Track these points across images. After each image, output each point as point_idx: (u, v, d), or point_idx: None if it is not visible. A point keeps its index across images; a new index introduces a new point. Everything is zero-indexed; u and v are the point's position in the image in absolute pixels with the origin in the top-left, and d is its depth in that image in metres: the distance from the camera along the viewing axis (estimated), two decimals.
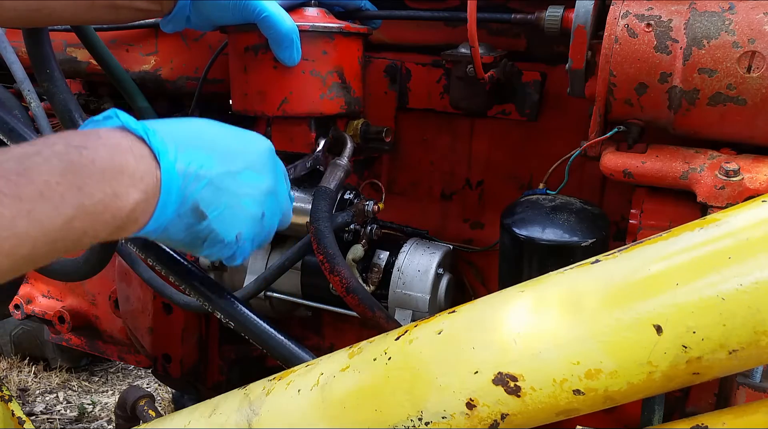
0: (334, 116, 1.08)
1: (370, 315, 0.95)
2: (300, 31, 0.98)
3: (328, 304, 1.17)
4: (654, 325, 0.55)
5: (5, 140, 0.95)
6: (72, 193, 0.55)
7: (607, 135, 0.92)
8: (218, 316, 0.96)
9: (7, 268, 0.52)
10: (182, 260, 1.00)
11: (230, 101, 1.12)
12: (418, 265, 1.10)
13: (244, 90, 1.06)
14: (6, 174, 0.51)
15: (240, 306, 0.94)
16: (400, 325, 0.88)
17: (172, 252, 1.02)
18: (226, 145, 0.70)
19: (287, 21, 0.96)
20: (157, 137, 0.63)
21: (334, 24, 1.03)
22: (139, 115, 1.26)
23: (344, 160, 1.05)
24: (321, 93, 1.03)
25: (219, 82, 1.30)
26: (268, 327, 0.93)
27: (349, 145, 1.08)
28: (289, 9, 1.00)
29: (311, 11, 1.04)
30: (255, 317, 0.93)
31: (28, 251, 0.52)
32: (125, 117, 0.64)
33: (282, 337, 0.93)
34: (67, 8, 0.89)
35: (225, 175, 0.68)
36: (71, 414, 2.63)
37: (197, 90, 1.31)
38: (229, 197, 0.69)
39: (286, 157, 1.14)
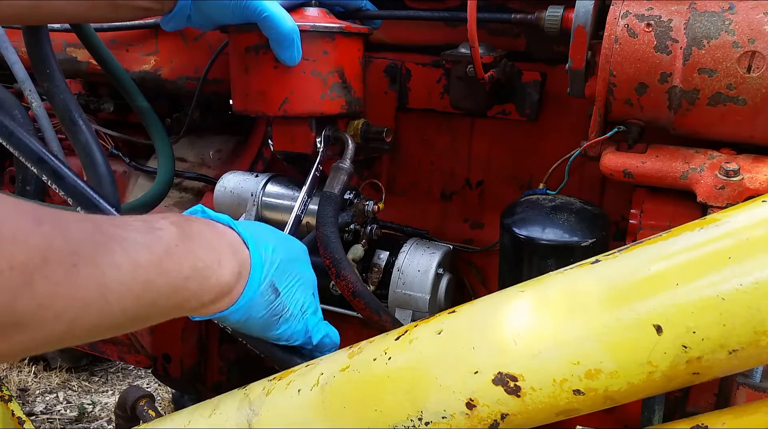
0: (335, 116, 1.08)
1: (377, 318, 0.96)
2: (301, 31, 0.98)
3: (328, 304, 1.17)
4: (654, 325, 0.55)
5: (5, 144, 0.95)
6: (188, 256, 0.62)
7: (607, 135, 0.92)
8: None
9: (131, 312, 0.56)
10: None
11: (230, 101, 1.12)
12: (418, 265, 1.10)
13: (244, 90, 1.06)
14: (138, 229, 0.58)
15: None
16: None
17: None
18: (281, 239, 0.81)
19: (288, 21, 0.95)
20: (243, 229, 0.73)
21: (335, 24, 1.03)
22: (139, 115, 1.26)
23: (347, 163, 1.05)
24: (322, 93, 1.03)
25: (219, 82, 1.30)
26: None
27: (351, 146, 1.07)
28: (290, 9, 1.00)
29: (312, 11, 1.04)
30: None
31: (151, 300, 0.58)
32: (210, 211, 0.76)
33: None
34: (67, 6, 0.89)
35: (287, 261, 0.78)
36: (71, 414, 2.63)
37: (197, 90, 1.31)
38: (292, 277, 0.79)
39: (287, 157, 1.14)
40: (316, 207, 1.01)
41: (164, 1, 0.96)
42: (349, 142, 1.08)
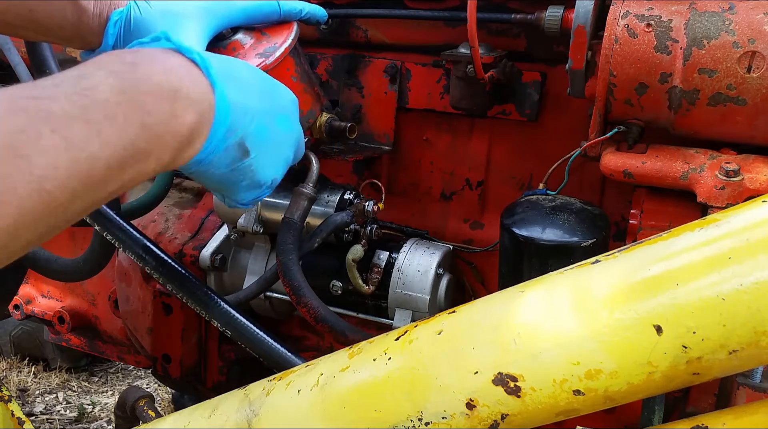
0: None
1: (343, 339, 0.97)
2: None
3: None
4: (654, 326, 0.55)
5: None
6: (134, 112, 0.53)
7: (607, 135, 0.92)
8: (215, 324, 0.97)
9: (83, 194, 0.49)
10: (179, 267, 1.00)
11: None
12: (418, 265, 1.10)
13: None
14: (68, 96, 0.49)
15: (235, 313, 0.96)
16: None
17: (167, 258, 1.02)
18: (264, 86, 0.69)
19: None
20: (210, 63, 0.61)
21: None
22: None
23: (308, 188, 1.01)
24: None
25: None
26: (262, 334, 0.95)
27: (315, 168, 1.02)
28: (212, 48, 0.89)
29: (232, 51, 0.91)
30: (249, 324, 0.95)
31: (101, 176, 0.50)
32: (177, 40, 0.62)
33: (277, 345, 0.94)
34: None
35: (266, 113, 0.67)
36: (71, 414, 2.63)
37: None
38: (270, 137, 0.68)
39: None
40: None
41: (78, 43, 0.85)
42: (314, 164, 1.02)
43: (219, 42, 0.90)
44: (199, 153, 0.61)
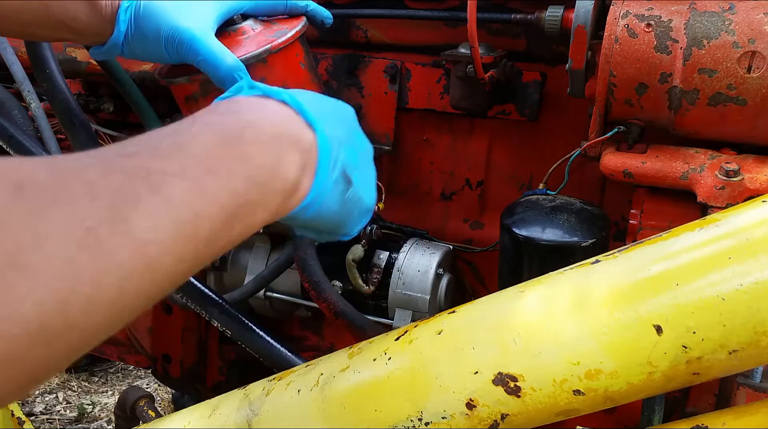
0: None
1: (361, 334, 0.97)
2: None
3: None
4: (654, 326, 0.55)
5: (5, 147, 0.95)
6: (237, 164, 0.50)
7: (607, 135, 0.92)
8: (215, 324, 0.97)
9: (190, 256, 0.45)
10: None
11: None
12: (418, 265, 1.10)
13: None
14: (165, 153, 0.46)
15: (235, 313, 0.96)
16: None
17: None
18: (335, 109, 0.66)
19: (226, 59, 0.83)
20: (302, 102, 0.59)
21: (261, 49, 0.91)
22: (139, 115, 1.26)
23: None
24: None
25: None
26: (262, 333, 0.95)
27: None
28: (221, 33, 0.89)
29: (241, 35, 0.92)
30: (249, 324, 0.95)
31: (207, 235, 0.46)
32: (263, 86, 0.60)
33: (277, 345, 0.94)
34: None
35: (350, 138, 0.64)
36: (71, 414, 2.63)
37: None
38: (359, 160, 0.65)
39: None
40: None
41: (91, 35, 0.85)
42: None
43: (228, 27, 0.91)
44: (309, 194, 0.58)
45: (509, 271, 0.98)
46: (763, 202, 0.57)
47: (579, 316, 0.58)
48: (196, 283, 1.00)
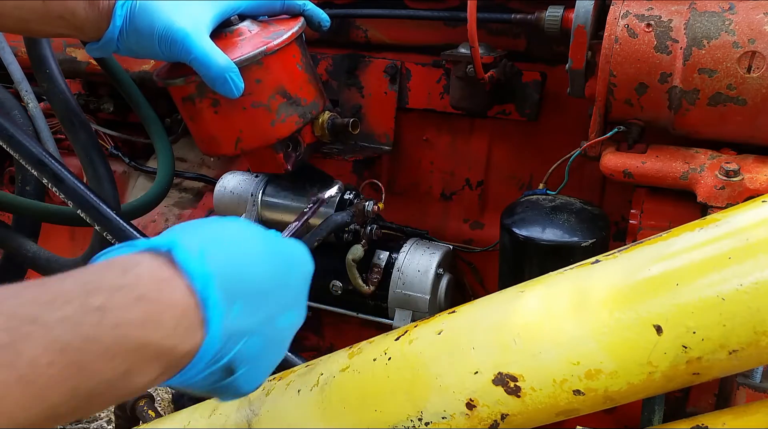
0: (294, 133, 1.01)
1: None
2: None
3: (328, 304, 1.17)
4: (654, 326, 0.55)
5: (5, 147, 0.95)
6: (73, 377, 0.43)
7: (607, 135, 0.92)
8: None
9: None
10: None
11: None
12: (418, 265, 1.10)
13: (198, 136, 1.02)
14: (10, 329, 0.41)
15: None
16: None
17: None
18: (270, 276, 0.56)
19: (218, 60, 0.83)
20: (212, 286, 0.49)
21: (256, 51, 0.91)
22: (139, 115, 1.26)
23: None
24: (270, 120, 0.96)
25: None
26: None
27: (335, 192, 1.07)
28: (217, 35, 0.89)
29: (238, 36, 0.92)
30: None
31: None
32: (173, 239, 0.50)
33: None
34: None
35: (264, 322, 0.55)
36: None
37: None
38: (262, 348, 0.56)
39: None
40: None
41: (89, 30, 0.84)
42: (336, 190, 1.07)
43: (225, 28, 0.91)
44: (174, 378, 0.51)
45: (509, 271, 0.98)
46: (763, 202, 0.57)
47: (579, 316, 0.58)
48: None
